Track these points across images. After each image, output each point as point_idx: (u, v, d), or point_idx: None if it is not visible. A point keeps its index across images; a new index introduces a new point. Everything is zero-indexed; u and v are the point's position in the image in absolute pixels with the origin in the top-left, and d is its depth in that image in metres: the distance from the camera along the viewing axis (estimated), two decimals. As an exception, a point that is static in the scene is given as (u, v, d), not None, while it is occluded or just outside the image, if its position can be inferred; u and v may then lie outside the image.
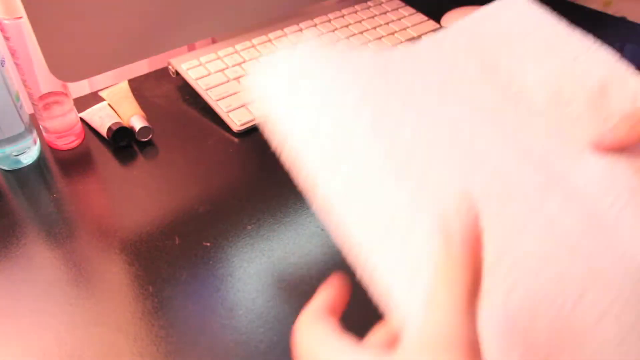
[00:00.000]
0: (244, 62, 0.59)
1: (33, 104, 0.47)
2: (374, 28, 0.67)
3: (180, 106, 0.56)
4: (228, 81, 0.56)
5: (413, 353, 0.19)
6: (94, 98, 0.55)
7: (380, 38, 0.65)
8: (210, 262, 0.39)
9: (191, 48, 0.69)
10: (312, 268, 0.39)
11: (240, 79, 0.56)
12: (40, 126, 0.49)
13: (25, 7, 0.39)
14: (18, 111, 0.45)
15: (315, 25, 0.66)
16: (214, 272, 0.39)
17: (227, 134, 0.52)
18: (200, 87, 0.55)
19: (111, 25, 0.44)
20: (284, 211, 0.43)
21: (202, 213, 0.43)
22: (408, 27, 0.67)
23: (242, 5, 0.53)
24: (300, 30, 0.65)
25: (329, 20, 0.67)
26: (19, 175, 0.47)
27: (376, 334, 0.25)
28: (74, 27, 0.42)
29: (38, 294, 0.37)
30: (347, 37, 0.64)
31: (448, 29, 0.37)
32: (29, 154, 0.48)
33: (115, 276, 0.38)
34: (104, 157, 0.49)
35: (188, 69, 0.57)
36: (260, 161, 0.49)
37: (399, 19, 0.69)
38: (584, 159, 0.32)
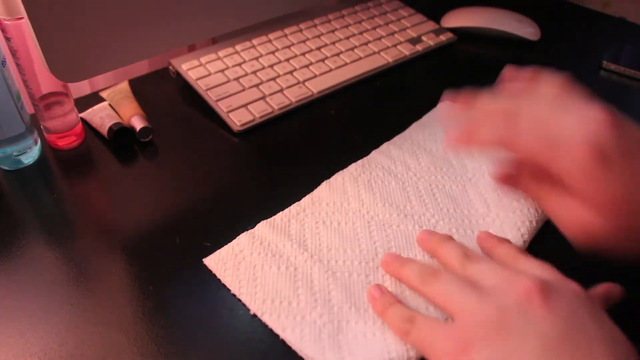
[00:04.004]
0: (244, 62, 0.59)
1: (34, 104, 0.47)
2: (374, 28, 0.67)
3: (180, 106, 0.56)
4: (228, 81, 0.56)
5: None
6: (94, 98, 0.56)
7: (380, 39, 0.65)
8: (211, 262, 0.39)
9: (191, 48, 0.70)
10: (312, 268, 0.39)
11: (241, 80, 0.57)
12: (41, 126, 0.49)
13: (26, 8, 0.39)
14: (19, 111, 0.45)
15: (315, 25, 0.66)
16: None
17: (227, 134, 0.52)
18: (200, 87, 0.55)
19: (111, 25, 0.44)
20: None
21: (202, 213, 0.43)
22: (408, 28, 0.68)
23: (242, 5, 0.54)
24: (300, 30, 0.65)
25: (329, 21, 0.67)
26: (19, 176, 0.47)
27: None
28: (75, 28, 0.42)
29: (39, 294, 0.37)
30: (347, 38, 0.64)
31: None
32: (30, 154, 0.48)
33: (115, 276, 0.38)
34: (104, 157, 0.50)
35: (188, 70, 0.57)
36: (260, 161, 0.49)
37: (399, 20, 0.69)
38: None
